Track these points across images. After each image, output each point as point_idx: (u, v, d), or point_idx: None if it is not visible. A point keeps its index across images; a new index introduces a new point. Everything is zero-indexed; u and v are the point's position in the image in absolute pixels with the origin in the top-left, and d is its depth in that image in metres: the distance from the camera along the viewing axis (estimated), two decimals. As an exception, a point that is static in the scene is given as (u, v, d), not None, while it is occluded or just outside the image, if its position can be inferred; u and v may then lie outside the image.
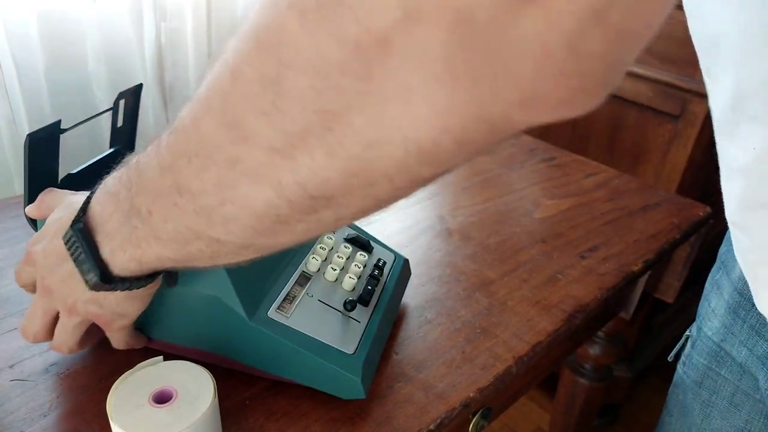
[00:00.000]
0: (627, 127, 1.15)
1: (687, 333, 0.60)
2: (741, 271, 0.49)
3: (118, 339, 0.44)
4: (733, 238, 0.47)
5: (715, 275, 0.55)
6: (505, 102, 0.19)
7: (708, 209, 0.79)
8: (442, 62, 0.19)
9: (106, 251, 0.36)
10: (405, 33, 0.19)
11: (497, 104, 0.20)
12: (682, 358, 0.60)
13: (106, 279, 0.36)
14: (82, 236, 0.36)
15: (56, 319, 0.42)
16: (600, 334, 0.90)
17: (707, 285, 0.57)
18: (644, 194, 0.82)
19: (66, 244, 0.37)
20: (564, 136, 1.26)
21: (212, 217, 0.29)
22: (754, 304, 0.47)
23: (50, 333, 0.43)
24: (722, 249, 0.55)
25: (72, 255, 0.37)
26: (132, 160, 0.34)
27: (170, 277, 0.42)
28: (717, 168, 0.49)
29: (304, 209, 0.26)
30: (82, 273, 0.37)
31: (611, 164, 0.96)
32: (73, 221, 0.36)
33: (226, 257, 0.32)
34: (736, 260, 0.50)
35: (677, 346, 0.61)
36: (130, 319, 0.42)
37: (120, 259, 0.35)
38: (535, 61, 0.18)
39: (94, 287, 0.37)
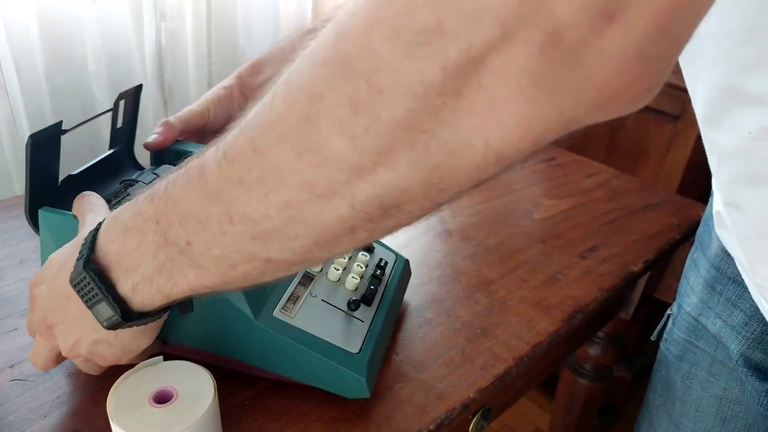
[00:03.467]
0: (627, 127, 1.16)
1: (668, 312, 0.62)
2: (717, 249, 0.52)
3: (81, 365, 0.43)
4: (725, 219, 0.48)
5: (693, 255, 0.59)
6: (584, 106, 0.22)
7: (708, 209, 0.79)
8: (530, 76, 0.21)
9: (126, 287, 0.35)
10: (499, 51, 0.21)
11: (576, 109, 0.22)
12: (664, 335, 0.62)
13: (126, 317, 0.35)
14: (97, 276, 0.34)
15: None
16: (600, 334, 0.90)
17: (686, 265, 0.60)
18: (644, 194, 0.82)
19: (76, 287, 0.36)
20: (564, 136, 1.26)
21: (272, 239, 0.29)
22: (730, 278, 0.51)
23: (59, 361, 0.43)
24: (699, 230, 0.58)
25: (83, 297, 0.35)
26: (151, 193, 0.33)
27: (185, 304, 0.39)
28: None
29: (372, 219, 0.27)
30: (98, 314, 0.36)
31: (611, 164, 0.96)
32: (84, 262, 0.35)
33: (271, 276, 0.32)
34: (712, 239, 0.54)
35: (659, 325, 0.64)
36: (138, 352, 0.41)
37: (144, 294, 0.34)
38: (613, 70, 0.21)
39: (113, 326, 0.36)
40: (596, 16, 0.19)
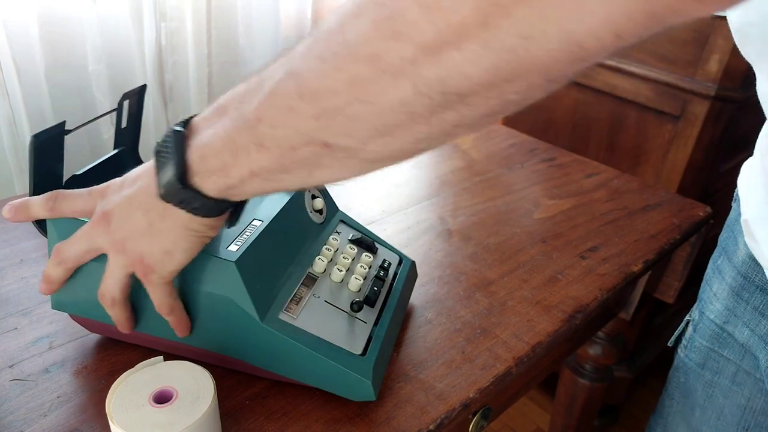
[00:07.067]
0: (627, 127, 1.16)
1: (687, 318, 0.62)
2: (745, 256, 0.51)
3: (159, 298, 0.42)
4: (753, 228, 0.48)
5: (716, 261, 0.57)
6: None
7: (708, 209, 0.79)
8: None
9: (195, 156, 0.35)
10: None
11: None
12: (683, 342, 0.61)
13: (182, 180, 0.35)
14: (176, 138, 0.35)
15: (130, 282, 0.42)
16: (600, 334, 0.90)
17: (708, 271, 0.59)
18: (644, 194, 0.82)
19: (156, 148, 0.36)
20: (564, 136, 1.26)
21: (334, 118, 0.29)
22: (758, 287, 0.50)
23: (127, 290, 0.43)
24: (723, 236, 0.57)
25: (158, 161, 0.36)
26: (252, 78, 0.34)
27: (233, 216, 0.41)
28: (717, 168, 0.50)
29: (434, 107, 0.27)
30: (161, 178, 0.36)
31: (611, 164, 0.96)
32: (175, 125, 0.36)
33: (328, 167, 0.32)
34: (738, 246, 0.52)
35: (677, 331, 0.63)
36: (174, 264, 0.40)
37: (208, 166, 0.35)
38: None
39: (167, 186, 0.36)
40: None
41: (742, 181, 0.53)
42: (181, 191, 0.36)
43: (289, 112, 0.30)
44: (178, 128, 0.36)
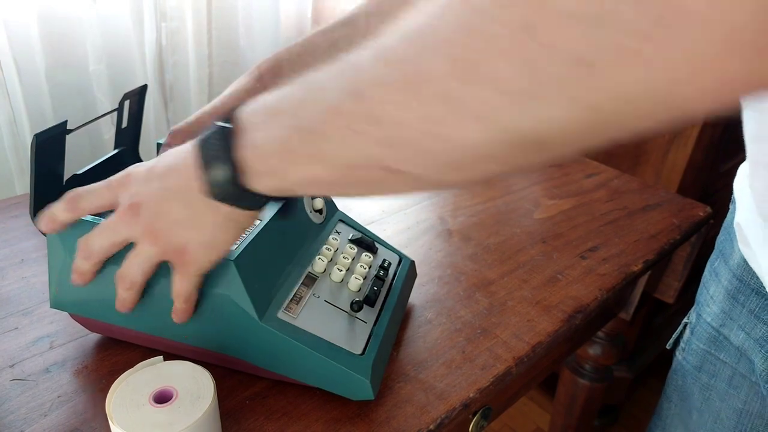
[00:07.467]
0: (627, 127, 1.15)
1: (685, 320, 0.62)
2: (740, 259, 0.51)
3: (186, 287, 0.41)
4: (745, 232, 0.48)
5: (713, 263, 0.57)
6: None
7: (708, 209, 0.79)
8: (739, 31, 0.18)
9: (248, 156, 0.34)
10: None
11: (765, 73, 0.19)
12: (681, 344, 0.61)
13: (235, 180, 0.34)
14: (224, 134, 0.34)
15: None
16: (600, 334, 0.90)
17: (705, 273, 0.59)
18: (644, 194, 0.82)
19: (200, 145, 0.35)
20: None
21: (400, 148, 0.28)
22: (753, 290, 0.49)
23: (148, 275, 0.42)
24: (720, 238, 0.57)
25: (203, 157, 0.35)
26: (297, 80, 0.33)
27: (288, 207, 0.39)
28: (717, 168, 0.50)
29: (509, 153, 0.26)
30: (208, 171, 0.35)
31: (611, 164, 0.96)
32: (219, 121, 0.34)
33: (389, 188, 0.31)
34: (733, 249, 0.52)
35: (675, 334, 0.63)
36: (215, 255, 0.40)
37: (261, 168, 0.34)
38: None
39: (218, 186, 0.35)
40: None
41: (737, 183, 0.53)
42: (234, 192, 0.35)
43: (352, 133, 0.29)
44: (226, 125, 0.34)
